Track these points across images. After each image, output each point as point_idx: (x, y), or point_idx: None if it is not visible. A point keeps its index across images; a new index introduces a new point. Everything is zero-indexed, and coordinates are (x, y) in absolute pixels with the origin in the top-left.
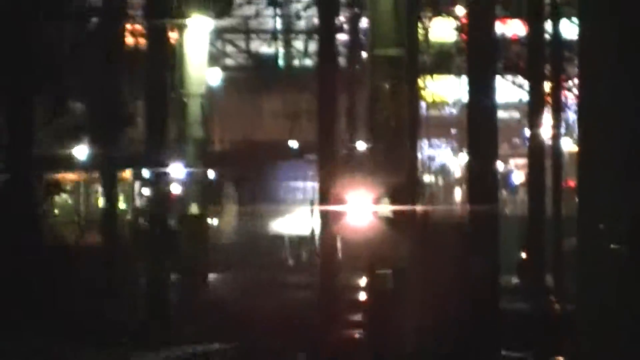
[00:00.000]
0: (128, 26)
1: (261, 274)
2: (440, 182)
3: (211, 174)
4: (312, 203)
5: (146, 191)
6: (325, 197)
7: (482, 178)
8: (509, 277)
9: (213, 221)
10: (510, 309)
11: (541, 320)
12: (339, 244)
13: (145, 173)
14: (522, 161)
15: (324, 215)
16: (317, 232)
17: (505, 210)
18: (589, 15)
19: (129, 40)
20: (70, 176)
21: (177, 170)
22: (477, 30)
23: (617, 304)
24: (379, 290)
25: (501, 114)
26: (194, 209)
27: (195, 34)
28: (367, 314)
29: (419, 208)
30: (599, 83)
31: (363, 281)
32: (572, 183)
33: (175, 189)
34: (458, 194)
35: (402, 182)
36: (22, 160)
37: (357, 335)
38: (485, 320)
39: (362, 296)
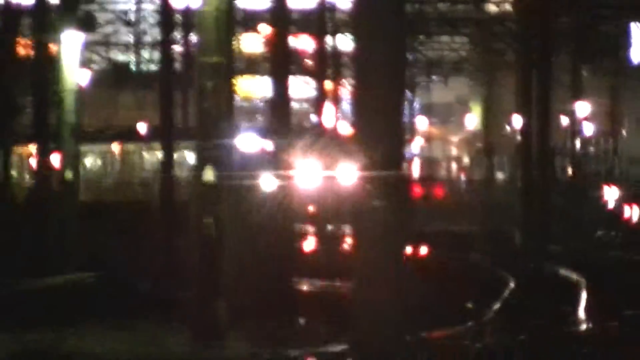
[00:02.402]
0: (19, 40)
1: None
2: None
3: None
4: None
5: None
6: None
7: (279, 152)
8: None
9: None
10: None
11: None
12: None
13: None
14: None
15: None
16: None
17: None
18: (362, 32)
19: (21, 50)
20: None
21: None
22: (277, 43)
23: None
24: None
25: (295, 105)
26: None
27: (70, 45)
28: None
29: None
30: (369, 83)
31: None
32: None
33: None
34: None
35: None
36: None
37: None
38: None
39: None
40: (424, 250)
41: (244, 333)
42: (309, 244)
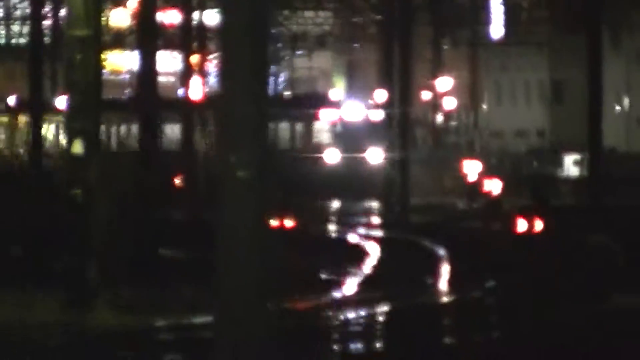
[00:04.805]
0: None
1: None
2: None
3: None
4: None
5: None
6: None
7: (147, 126)
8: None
9: None
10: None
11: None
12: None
13: None
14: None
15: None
16: None
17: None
18: (228, 7)
19: None
20: None
21: None
22: (144, 17)
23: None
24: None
25: (162, 79)
26: None
27: None
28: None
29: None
30: (234, 55)
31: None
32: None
33: None
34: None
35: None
36: None
37: None
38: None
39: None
40: (289, 221)
41: (114, 299)
42: (180, 213)
